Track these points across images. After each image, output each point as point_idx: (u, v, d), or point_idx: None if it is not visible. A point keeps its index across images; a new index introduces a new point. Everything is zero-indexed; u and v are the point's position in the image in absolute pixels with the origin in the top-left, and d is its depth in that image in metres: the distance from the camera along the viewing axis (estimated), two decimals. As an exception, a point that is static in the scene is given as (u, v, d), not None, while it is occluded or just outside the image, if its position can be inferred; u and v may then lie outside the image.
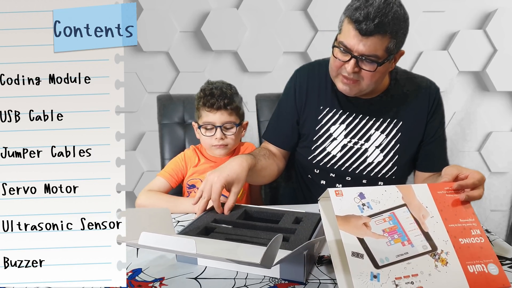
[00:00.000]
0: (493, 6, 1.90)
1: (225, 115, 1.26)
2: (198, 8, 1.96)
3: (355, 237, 0.72)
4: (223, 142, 1.27)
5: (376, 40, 1.02)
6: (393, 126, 1.20)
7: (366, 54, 1.04)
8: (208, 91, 1.27)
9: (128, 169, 1.62)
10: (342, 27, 1.08)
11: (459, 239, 0.73)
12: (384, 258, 0.70)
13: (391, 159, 1.19)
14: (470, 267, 0.70)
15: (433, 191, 0.80)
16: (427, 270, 0.69)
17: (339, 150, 1.21)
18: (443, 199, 0.79)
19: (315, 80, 1.25)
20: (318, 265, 0.82)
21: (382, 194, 0.79)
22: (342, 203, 0.77)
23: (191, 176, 1.31)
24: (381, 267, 0.69)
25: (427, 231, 0.74)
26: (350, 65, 1.06)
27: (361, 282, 0.67)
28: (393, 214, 0.76)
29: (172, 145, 1.53)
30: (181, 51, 2.00)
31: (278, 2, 1.94)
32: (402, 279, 0.68)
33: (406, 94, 1.21)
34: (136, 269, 0.83)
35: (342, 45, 1.06)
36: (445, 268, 0.69)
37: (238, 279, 0.78)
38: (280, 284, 0.76)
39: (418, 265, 0.70)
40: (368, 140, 1.20)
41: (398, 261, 0.70)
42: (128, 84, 2.34)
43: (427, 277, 0.68)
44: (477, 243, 0.73)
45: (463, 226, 0.75)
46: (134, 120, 2.08)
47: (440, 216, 0.76)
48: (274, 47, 1.98)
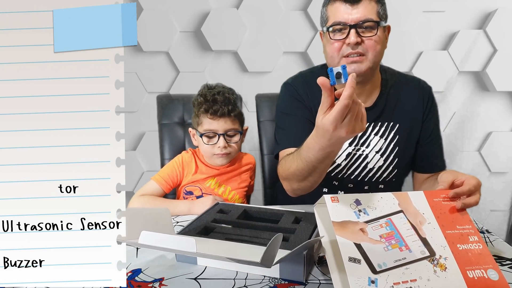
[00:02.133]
0: (493, 6, 1.90)
1: (229, 122, 1.20)
2: (198, 8, 1.96)
3: (352, 242, 0.72)
4: (226, 151, 1.21)
5: (365, 5, 1.05)
6: (390, 129, 1.19)
7: (362, 19, 1.05)
8: (211, 96, 1.20)
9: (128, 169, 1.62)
10: (327, 16, 1.10)
11: (457, 245, 0.73)
12: (382, 264, 0.70)
13: (391, 163, 1.19)
14: (470, 273, 0.69)
15: (429, 198, 0.80)
16: (425, 275, 0.68)
17: (344, 159, 1.19)
18: (439, 206, 0.79)
19: (314, 88, 1.19)
20: (318, 265, 0.82)
21: (378, 200, 0.79)
22: (338, 209, 0.76)
23: (189, 183, 1.27)
24: (379, 272, 0.69)
25: (425, 236, 0.74)
26: (352, 35, 1.05)
27: (359, 287, 0.67)
28: (389, 220, 0.76)
29: (172, 145, 1.53)
30: (181, 51, 2.00)
31: (278, 2, 1.94)
32: (400, 284, 0.67)
33: (399, 96, 1.20)
34: (136, 269, 0.83)
35: (335, 24, 1.07)
36: (444, 273, 0.69)
37: (238, 279, 0.78)
38: (280, 284, 0.76)
39: (417, 270, 0.69)
40: (368, 146, 1.19)
41: (396, 266, 0.69)
42: (128, 84, 2.34)
43: (426, 282, 0.67)
44: (475, 249, 0.73)
45: (461, 233, 0.75)
46: (134, 120, 2.08)
47: (437, 223, 0.76)
48: (274, 47, 1.98)
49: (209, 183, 1.27)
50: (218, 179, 1.28)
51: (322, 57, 1.26)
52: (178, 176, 1.26)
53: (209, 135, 1.21)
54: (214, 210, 0.99)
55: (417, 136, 1.21)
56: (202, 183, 1.27)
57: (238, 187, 1.30)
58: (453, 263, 0.70)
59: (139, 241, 0.70)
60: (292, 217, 0.95)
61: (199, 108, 1.22)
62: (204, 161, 1.29)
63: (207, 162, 1.29)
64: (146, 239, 0.70)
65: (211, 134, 1.21)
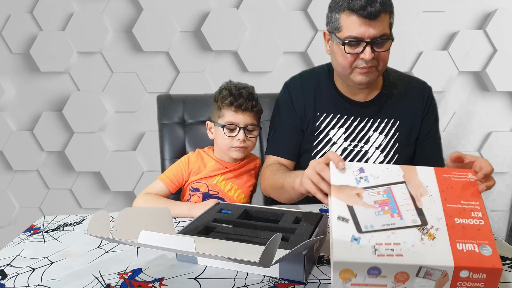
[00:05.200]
0: (493, 6, 1.90)
1: (251, 117, 1.24)
2: (198, 8, 1.96)
3: (345, 204, 0.74)
4: (244, 145, 1.23)
5: (382, 19, 1.05)
6: (390, 126, 1.21)
7: (378, 35, 1.05)
8: (236, 91, 1.24)
9: (128, 169, 1.64)
10: (340, 25, 1.07)
11: (455, 219, 0.72)
12: (369, 226, 0.71)
13: (391, 159, 1.20)
14: (459, 245, 0.68)
15: (438, 173, 0.79)
16: (410, 241, 0.69)
17: (339, 154, 1.20)
18: (447, 182, 0.78)
19: (309, 89, 1.25)
20: (318, 265, 0.82)
21: (383, 171, 0.79)
22: (340, 174, 0.78)
23: (196, 180, 1.28)
24: (364, 232, 0.70)
25: (421, 207, 0.74)
26: (367, 53, 1.06)
27: (341, 243, 0.68)
28: (389, 189, 0.76)
29: (172, 145, 1.53)
30: (181, 51, 2.00)
31: (278, 2, 1.94)
32: (382, 245, 0.68)
33: (400, 94, 1.22)
34: (136, 269, 0.83)
35: (351, 38, 1.06)
36: (431, 242, 0.69)
37: (238, 279, 0.78)
38: (280, 284, 0.76)
39: (403, 235, 0.69)
40: (367, 142, 1.20)
41: (383, 230, 0.70)
42: (128, 84, 2.37)
43: (409, 247, 0.68)
44: (474, 225, 0.72)
45: (463, 208, 0.74)
46: (134, 120, 2.08)
47: (440, 196, 0.76)
48: (274, 47, 1.98)
49: (216, 180, 1.28)
50: (225, 176, 1.29)
51: (322, 57, 1.27)
52: (183, 176, 1.28)
53: (231, 127, 1.24)
54: (214, 210, 1.00)
55: (417, 134, 1.23)
56: (209, 180, 1.28)
57: (244, 186, 1.31)
58: (444, 234, 0.70)
59: (138, 241, 0.70)
60: (293, 217, 0.95)
61: (223, 101, 1.24)
62: (214, 157, 1.31)
63: (217, 158, 1.30)
64: (146, 239, 0.70)
65: (232, 126, 1.23)
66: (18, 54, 2.05)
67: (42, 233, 1.03)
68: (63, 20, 2.00)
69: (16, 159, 2.16)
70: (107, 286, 0.77)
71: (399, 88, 1.23)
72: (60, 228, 1.06)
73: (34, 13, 1.99)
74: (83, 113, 2.07)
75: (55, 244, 0.97)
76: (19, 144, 2.14)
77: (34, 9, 1.98)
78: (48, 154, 2.16)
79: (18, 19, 2.00)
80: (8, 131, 2.12)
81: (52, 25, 2.00)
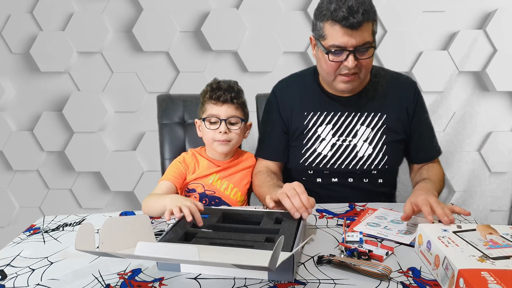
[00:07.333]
0: (493, 6, 1.90)
1: (232, 108, 1.23)
2: (198, 8, 1.96)
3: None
4: (226, 137, 1.23)
5: (364, 28, 1.08)
6: (377, 119, 1.25)
7: (361, 44, 1.09)
8: (215, 84, 1.25)
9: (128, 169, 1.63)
10: (324, 33, 1.12)
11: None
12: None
13: (380, 150, 1.24)
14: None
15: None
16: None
17: (329, 150, 1.25)
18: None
19: (295, 90, 1.30)
20: (318, 265, 0.82)
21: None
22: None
23: (192, 181, 1.28)
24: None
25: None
26: (350, 61, 1.11)
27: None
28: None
29: (172, 145, 1.53)
30: (181, 51, 2.00)
31: (278, 2, 1.94)
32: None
33: (386, 88, 1.27)
34: (135, 269, 0.83)
35: (334, 47, 1.11)
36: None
37: (237, 279, 0.78)
38: (280, 284, 0.76)
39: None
40: (355, 136, 1.25)
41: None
42: (128, 84, 2.36)
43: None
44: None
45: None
46: (134, 120, 2.08)
47: None
48: (274, 47, 1.98)
49: (211, 179, 1.28)
50: (220, 175, 1.29)
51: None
52: (184, 171, 1.27)
53: (211, 120, 1.24)
54: (184, 221, 0.93)
55: (406, 126, 1.26)
56: (204, 180, 1.28)
57: (240, 184, 1.31)
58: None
59: (135, 253, 0.69)
60: (273, 218, 0.95)
61: (204, 96, 1.27)
62: (206, 156, 1.31)
63: (209, 157, 1.31)
64: (144, 250, 0.69)
65: (213, 119, 1.24)
66: (18, 54, 2.05)
67: (42, 233, 1.03)
68: (63, 20, 2.00)
69: (16, 159, 2.16)
70: (107, 286, 0.77)
71: (384, 82, 1.27)
72: (60, 228, 1.06)
73: (34, 13, 1.99)
74: (83, 113, 2.07)
75: (55, 244, 0.97)
76: (19, 144, 2.14)
77: (34, 9, 1.98)
78: (48, 154, 2.16)
79: (18, 19, 2.00)
80: (8, 131, 2.12)
81: (52, 25, 2.00)
